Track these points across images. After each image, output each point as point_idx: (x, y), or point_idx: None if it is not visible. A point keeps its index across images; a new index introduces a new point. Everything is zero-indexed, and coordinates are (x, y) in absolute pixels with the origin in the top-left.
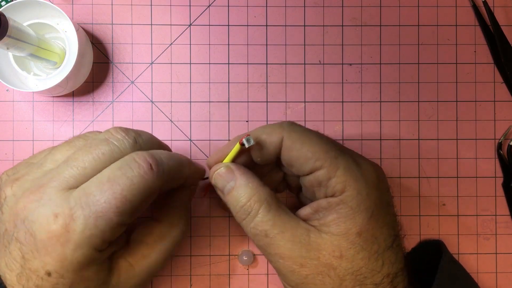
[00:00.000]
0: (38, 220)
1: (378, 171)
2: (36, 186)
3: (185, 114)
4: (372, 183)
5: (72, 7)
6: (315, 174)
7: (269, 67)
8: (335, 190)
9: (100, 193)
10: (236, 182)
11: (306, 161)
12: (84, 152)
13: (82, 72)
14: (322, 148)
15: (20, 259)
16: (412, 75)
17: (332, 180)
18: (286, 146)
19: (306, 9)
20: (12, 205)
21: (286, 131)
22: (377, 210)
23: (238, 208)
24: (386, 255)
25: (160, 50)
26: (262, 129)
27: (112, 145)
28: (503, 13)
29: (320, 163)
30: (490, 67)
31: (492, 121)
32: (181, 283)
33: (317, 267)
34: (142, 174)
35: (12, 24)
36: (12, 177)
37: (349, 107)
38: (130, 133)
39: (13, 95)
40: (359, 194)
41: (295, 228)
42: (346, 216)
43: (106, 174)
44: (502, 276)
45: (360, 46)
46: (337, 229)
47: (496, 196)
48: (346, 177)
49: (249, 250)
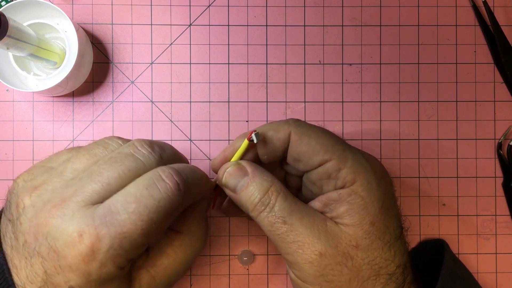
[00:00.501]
0: (61, 237)
1: (379, 162)
2: (58, 199)
3: (185, 114)
4: (380, 174)
5: (72, 7)
6: (324, 166)
7: (269, 67)
8: (346, 181)
9: (127, 214)
10: (250, 178)
11: (314, 154)
12: (109, 167)
13: (82, 72)
14: (330, 141)
15: (42, 274)
16: (412, 75)
17: (342, 171)
18: (294, 141)
19: (306, 9)
20: (31, 217)
21: (293, 126)
22: (387, 200)
23: (256, 201)
24: (396, 245)
25: (160, 50)
26: (268, 125)
27: (138, 161)
28: (503, 13)
29: (329, 155)
30: (490, 67)
31: (492, 121)
32: (181, 283)
33: (335, 257)
34: (170, 195)
35: (12, 24)
36: (30, 183)
37: (349, 107)
38: (156, 148)
39: (13, 95)
40: (369, 184)
41: (313, 216)
42: (359, 206)
43: (133, 193)
44: (502, 276)
45: (360, 46)
46: (351, 220)
47: (496, 196)
48: (356, 167)
49: (249, 250)
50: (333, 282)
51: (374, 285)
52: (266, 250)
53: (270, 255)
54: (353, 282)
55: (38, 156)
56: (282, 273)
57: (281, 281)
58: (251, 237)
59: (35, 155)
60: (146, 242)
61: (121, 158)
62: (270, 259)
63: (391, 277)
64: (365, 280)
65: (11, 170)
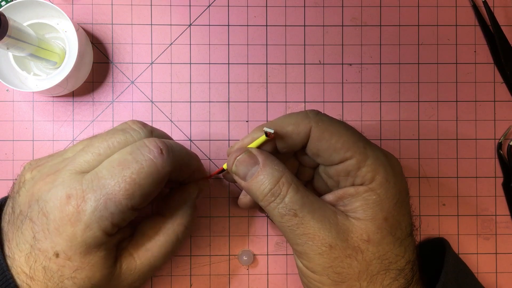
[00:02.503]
0: (51, 200)
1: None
2: (53, 170)
3: (185, 114)
4: (398, 171)
5: (72, 7)
6: (344, 164)
7: (269, 67)
8: (365, 179)
9: (111, 176)
10: (261, 167)
11: (335, 151)
12: (100, 139)
13: (82, 72)
14: (351, 139)
15: (31, 239)
16: (412, 75)
17: (362, 170)
18: (315, 137)
19: (306, 9)
20: (29, 187)
21: (314, 121)
22: (401, 197)
23: (266, 192)
24: (407, 241)
25: (160, 50)
26: (287, 119)
27: (127, 134)
28: (503, 13)
29: (350, 153)
30: (490, 67)
31: (492, 121)
32: (181, 283)
33: (345, 250)
34: (152, 158)
35: (12, 24)
36: (34, 164)
37: (349, 107)
38: (147, 127)
39: (13, 95)
40: (387, 182)
41: (324, 209)
42: (374, 202)
43: (117, 158)
44: (502, 276)
45: (360, 46)
46: (364, 214)
47: (496, 196)
48: (376, 166)
49: (249, 250)
50: (341, 274)
51: (383, 280)
52: (266, 250)
53: (270, 255)
54: (362, 275)
55: (38, 156)
56: (282, 273)
57: (281, 281)
58: (251, 237)
59: (35, 155)
60: (131, 207)
61: (112, 132)
62: (270, 259)
63: (400, 272)
64: (375, 274)
65: (11, 170)
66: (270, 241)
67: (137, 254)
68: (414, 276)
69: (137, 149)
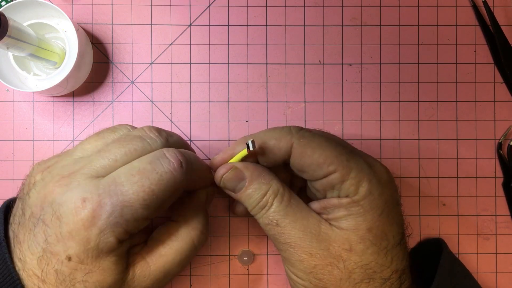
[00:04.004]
0: (66, 203)
1: (386, 169)
2: (66, 172)
3: (185, 114)
4: (384, 182)
5: (72, 7)
6: (328, 178)
7: (269, 67)
8: (348, 192)
9: (129, 184)
10: (247, 182)
11: (318, 167)
12: (118, 145)
13: (82, 72)
14: (333, 153)
15: (43, 242)
16: (412, 75)
17: (346, 183)
18: (297, 153)
19: (306, 9)
20: (39, 189)
21: (295, 137)
22: (388, 208)
23: (254, 204)
24: (394, 251)
25: (160, 50)
26: (270, 133)
27: (145, 142)
28: (503, 13)
29: (333, 168)
30: (490, 67)
31: (492, 121)
32: (181, 283)
33: (326, 258)
34: (172, 170)
35: (12, 24)
36: (44, 165)
37: (349, 107)
38: (163, 133)
39: (13, 95)
40: (371, 195)
41: (306, 218)
42: (357, 213)
43: (137, 166)
44: (502, 276)
45: (360, 46)
46: (347, 224)
47: (496, 196)
48: (359, 178)
49: (249, 250)
50: (322, 280)
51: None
52: (266, 250)
53: (270, 255)
54: (344, 283)
55: (38, 156)
56: (282, 273)
57: (281, 281)
58: (251, 237)
59: (35, 155)
60: (146, 216)
61: (130, 139)
62: (270, 259)
63: (385, 281)
64: (358, 282)
65: (11, 170)
66: (270, 241)
67: (151, 259)
68: (402, 284)
69: (157, 159)
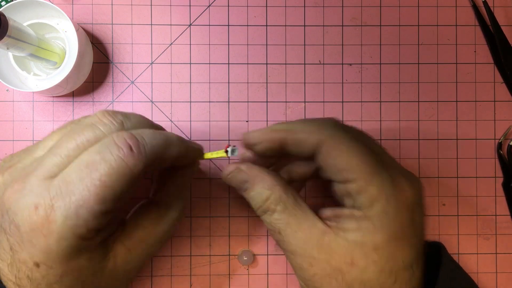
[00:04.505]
0: (20, 211)
1: (416, 190)
2: (22, 175)
3: (185, 114)
4: (404, 204)
5: (72, 7)
6: (346, 185)
7: (269, 67)
8: (363, 205)
9: (79, 180)
10: (250, 184)
11: (339, 171)
12: (68, 139)
13: (82, 72)
14: (359, 162)
15: (9, 250)
16: (412, 75)
17: (362, 195)
18: (323, 152)
19: (306, 9)
20: (1, 194)
21: (327, 135)
22: (402, 231)
23: (257, 208)
24: (401, 273)
25: (160, 50)
26: (302, 125)
27: (97, 130)
28: (503, 13)
29: (352, 176)
30: (490, 67)
31: (492, 121)
32: (181, 283)
33: (325, 269)
34: (122, 157)
35: (12, 24)
36: (7, 164)
37: (349, 107)
38: (117, 117)
39: (13, 95)
40: (385, 214)
41: (309, 229)
42: (367, 230)
43: (85, 159)
44: (502, 276)
45: (360, 46)
46: (354, 237)
47: (496, 196)
48: (377, 196)
49: (249, 250)
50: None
51: None
52: (266, 250)
53: (270, 255)
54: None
55: None
56: (282, 273)
57: (281, 281)
58: (251, 237)
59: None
60: (105, 210)
61: (81, 129)
62: (270, 259)
63: None
64: None
65: None
66: (270, 241)
67: (131, 245)
68: None
69: (105, 147)
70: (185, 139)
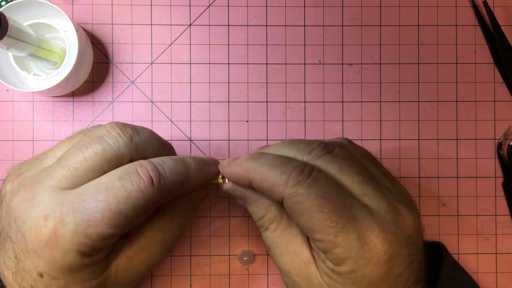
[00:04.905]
0: (28, 221)
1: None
2: (30, 184)
3: (185, 114)
4: (378, 260)
5: (72, 7)
6: (313, 242)
7: (269, 67)
8: (332, 261)
9: (95, 202)
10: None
11: (305, 229)
12: (76, 151)
13: (82, 72)
14: (322, 223)
15: (14, 259)
16: (412, 75)
17: (329, 254)
18: (287, 207)
19: (306, 9)
20: (8, 202)
21: (287, 193)
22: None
23: (255, 221)
24: None
25: (160, 50)
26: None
27: (105, 143)
28: (503, 13)
29: (318, 237)
30: (490, 67)
31: (492, 121)
32: (181, 283)
33: None
34: (142, 189)
35: (12, 24)
36: (16, 172)
37: (349, 107)
38: (127, 130)
39: (13, 95)
40: (353, 273)
41: (296, 255)
42: (340, 283)
43: (105, 183)
44: (502, 276)
45: (360, 46)
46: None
47: (496, 196)
48: (343, 257)
49: (249, 250)
50: None
51: None
52: (266, 250)
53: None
54: None
55: None
56: None
57: (281, 281)
58: (251, 237)
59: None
60: (114, 234)
61: (89, 141)
62: (270, 259)
63: None
64: None
65: None
66: None
67: (133, 255)
68: None
69: (127, 175)
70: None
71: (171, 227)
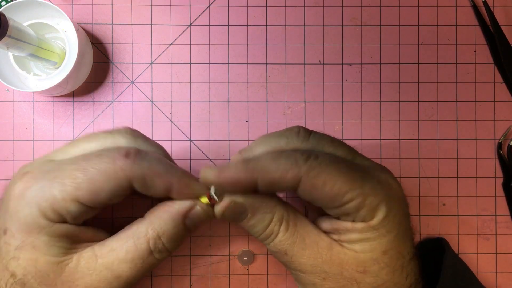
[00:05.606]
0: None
1: (396, 180)
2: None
3: (185, 114)
4: (398, 201)
5: (72, 7)
6: (342, 208)
7: (269, 67)
8: (364, 218)
9: (69, 164)
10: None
11: (331, 199)
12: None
13: (82, 72)
14: (346, 182)
15: None
16: (412, 75)
17: (361, 211)
18: (306, 186)
19: (306, 9)
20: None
21: (303, 170)
22: (402, 227)
23: (259, 234)
24: (409, 267)
25: (160, 50)
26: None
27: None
28: (503, 13)
29: (348, 197)
30: (490, 67)
31: (492, 121)
32: (181, 283)
33: (339, 281)
34: (114, 158)
35: (12, 24)
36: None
37: (349, 107)
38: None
39: (13, 95)
40: (386, 218)
41: (316, 243)
42: (373, 238)
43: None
44: (502, 276)
45: (360, 46)
46: (361, 247)
47: (496, 196)
48: (377, 205)
49: (249, 250)
50: None
51: None
52: (266, 250)
53: (270, 255)
54: None
55: (38, 156)
56: (282, 273)
57: (281, 281)
58: (251, 237)
59: (35, 155)
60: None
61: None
62: (270, 259)
63: None
64: None
65: (11, 170)
66: None
67: (99, 251)
68: None
69: (107, 149)
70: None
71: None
